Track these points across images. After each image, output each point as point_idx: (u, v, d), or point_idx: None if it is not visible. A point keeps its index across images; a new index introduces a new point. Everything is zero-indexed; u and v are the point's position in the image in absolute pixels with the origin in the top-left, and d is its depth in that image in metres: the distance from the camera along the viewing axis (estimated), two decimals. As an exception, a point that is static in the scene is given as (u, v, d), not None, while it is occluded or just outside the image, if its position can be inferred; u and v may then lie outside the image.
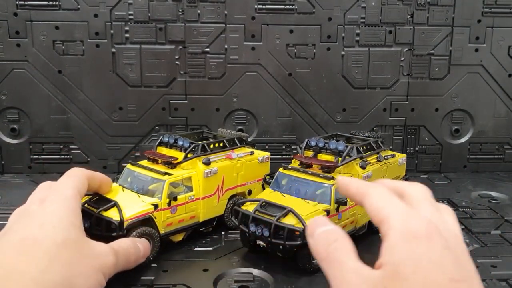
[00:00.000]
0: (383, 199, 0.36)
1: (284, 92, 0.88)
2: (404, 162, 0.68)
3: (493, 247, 0.60)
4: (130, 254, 0.47)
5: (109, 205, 0.52)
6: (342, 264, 0.33)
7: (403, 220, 0.33)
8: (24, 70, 0.84)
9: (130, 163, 0.61)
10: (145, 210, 0.53)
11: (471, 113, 0.92)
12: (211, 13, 0.85)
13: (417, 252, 0.31)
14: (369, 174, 0.59)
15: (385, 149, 0.66)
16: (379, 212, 0.35)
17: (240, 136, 0.67)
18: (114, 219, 0.50)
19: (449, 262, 0.31)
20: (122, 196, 0.55)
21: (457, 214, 0.70)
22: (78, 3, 0.83)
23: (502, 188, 0.83)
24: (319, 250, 0.35)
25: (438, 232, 0.32)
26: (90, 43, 0.84)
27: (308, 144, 0.62)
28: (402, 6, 0.86)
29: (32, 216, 0.42)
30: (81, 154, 0.88)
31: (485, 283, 0.50)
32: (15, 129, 0.87)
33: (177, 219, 0.57)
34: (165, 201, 0.55)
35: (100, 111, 0.87)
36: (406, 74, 0.89)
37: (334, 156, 0.60)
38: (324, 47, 0.87)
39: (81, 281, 0.39)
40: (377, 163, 0.62)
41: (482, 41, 0.88)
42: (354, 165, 0.59)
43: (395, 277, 0.30)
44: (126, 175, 0.60)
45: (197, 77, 0.87)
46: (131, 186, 0.58)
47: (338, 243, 0.35)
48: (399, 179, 0.67)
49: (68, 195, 0.45)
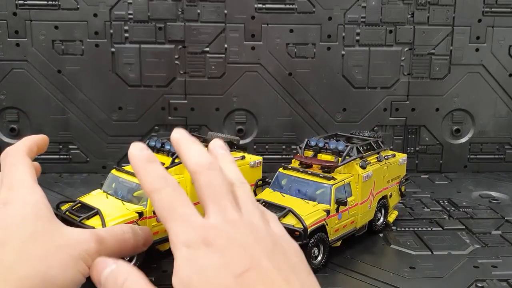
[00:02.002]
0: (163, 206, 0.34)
1: (284, 92, 0.88)
2: (404, 162, 0.68)
3: (493, 247, 0.59)
4: (126, 240, 0.44)
5: (91, 213, 0.49)
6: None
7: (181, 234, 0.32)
8: (24, 70, 0.84)
9: (115, 168, 0.58)
10: (129, 218, 0.50)
11: (471, 113, 0.91)
12: (211, 12, 0.84)
13: (200, 264, 0.30)
14: (369, 174, 0.59)
15: (385, 149, 0.66)
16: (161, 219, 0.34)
17: (231, 140, 0.64)
18: (96, 228, 0.47)
19: (232, 258, 0.30)
20: (105, 203, 0.52)
21: (457, 214, 0.71)
22: (77, 3, 0.83)
23: (502, 188, 0.83)
24: None
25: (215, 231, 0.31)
26: (90, 42, 0.84)
27: (308, 144, 0.62)
28: (402, 6, 0.86)
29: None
30: (80, 154, 0.88)
31: (485, 283, 0.50)
32: (15, 129, 0.86)
33: (163, 228, 0.53)
34: (151, 209, 0.52)
35: (100, 111, 0.87)
36: (406, 74, 0.89)
37: (334, 156, 0.59)
38: (324, 46, 0.87)
39: (57, 271, 0.38)
40: (377, 163, 0.62)
41: (482, 41, 0.88)
42: (354, 165, 0.59)
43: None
44: (110, 180, 0.57)
45: (197, 77, 0.87)
46: (115, 193, 0.55)
47: (129, 283, 0.34)
48: (399, 179, 0.67)
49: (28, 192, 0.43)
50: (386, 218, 0.65)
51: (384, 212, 0.64)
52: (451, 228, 0.65)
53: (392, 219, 0.66)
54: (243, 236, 0.32)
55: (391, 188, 0.65)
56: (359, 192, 0.58)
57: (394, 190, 0.66)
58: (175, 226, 0.32)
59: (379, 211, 0.63)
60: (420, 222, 0.67)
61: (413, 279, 0.52)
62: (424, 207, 0.73)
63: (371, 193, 0.60)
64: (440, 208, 0.73)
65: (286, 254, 0.32)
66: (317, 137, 0.62)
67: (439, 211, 0.71)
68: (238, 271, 0.29)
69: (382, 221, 0.64)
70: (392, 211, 0.67)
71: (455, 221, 0.68)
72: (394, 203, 0.67)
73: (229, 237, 0.31)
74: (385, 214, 0.65)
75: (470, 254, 0.57)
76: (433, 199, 0.77)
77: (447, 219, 0.69)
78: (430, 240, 0.61)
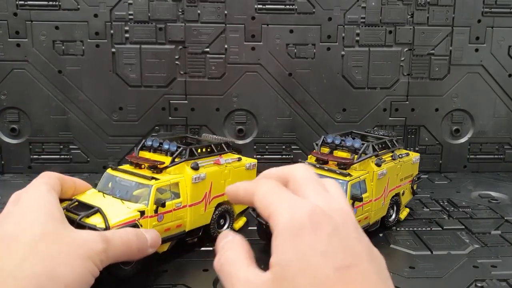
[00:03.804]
0: (268, 193, 0.35)
1: (284, 92, 0.88)
2: (417, 161, 0.69)
3: (493, 247, 0.59)
4: (131, 242, 0.45)
5: (91, 211, 0.48)
6: (231, 276, 0.33)
7: (286, 213, 0.32)
8: (24, 70, 0.84)
9: (111, 168, 0.57)
10: (131, 217, 0.49)
11: (471, 113, 0.92)
12: (211, 13, 0.85)
13: (302, 247, 0.30)
14: (384, 171, 0.60)
15: (399, 147, 0.67)
16: (265, 209, 0.34)
17: (226, 141, 0.63)
18: (98, 226, 0.46)
19: (336, 249, 0.30)
20: (104, 202, 0.51)
21: (457, 214, 0.71)
22: (78, 3, 0.83)
23: (502, 188, 0.83)
24: (215, 264, 0.35)
25: (324, 216, 0.31)
26: (90, 43, 0.84)
27: (324, 141, 0.63)
28: (402, 6, 0.86)
29: (8, 216, 0.42)
30: (81, 154, 0.88)
31: (485, 283, 0.51)
32: (15, 129, 0.87)
33: (164, 228, 0.53)
34: (152, 208, 0.51)
35: (100, 111, 0.87)
36: (406, 74, 0.89)
37: (350, 153, 0.60)
38: (324, 47, 0.87)
39: (66, 269, 0.38)
40: (392, 161, 0.63)
41: (482, 41, 0.88)
42: (369, 163, 0.60)
43: (282, 279, 0.29)
44: (106, 180, 0.55)
45: (197, 77, 0.87)
46: (113, 192, 0.53)
47: (229, 253, 0.34)
48: (412, 178, 0.68)
49: (42, 190, 0.44)
50: (398, 215, 0.66)
51: (396, 209, 0.66)
52: (450, 228, 0.65)
53: (404, 216, 0.68)
54: (347, 229, 0.31)
55: (404, 186, 0.67)
56: (374, 189, 0.59)
57: (407, 188, 0.68)
58: (282, 209, 0.32)
59: (391, 208, 0.65)
60: (419, 222, 0.68)
61: (412, 279, 0.52)
62: (424, 207, 0.73)
63: (385, 190, 0.62)
64: (439, 208, 0.73)
65: (381, 263, 0.31)
66: (333, 135, 0.63)
67: (438, 211, 0.72)
68: (340, 264, 0.29)
69: (394, 218, 0.66)
70: (404, 209, 0.69)
71: (455, 221, 0.68)
72: (406, 200, 0.69)
73: (335, 225, 0.31)
74: (397, 211, 0.66)
75: (470, 254, 0.58)
76: (433, 199, 0.77)
77: (446, 219, 0.69)
78: (429, 240, 0.61)
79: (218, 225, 0.61)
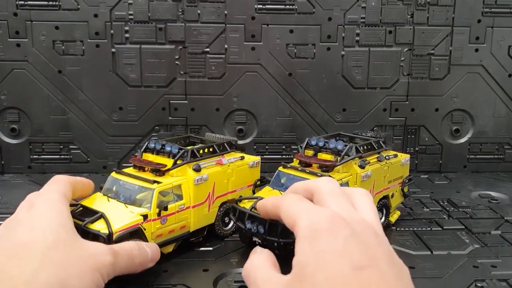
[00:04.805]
0: (292, 205, 0.37)
1: (284, 92, 0.88)
2: (407, 163, 0.68)
3: (493, 247, 0.59)
4: (134, 256, 0.46)
5: (95, 216, 0.48)
6: (256, 279, 0.35)
7: (306, 218, 0.34)
8: (24, 70, 0.84)
9: (115, 171, 0.57)
10: (134, 221, 0.50)
11: (471, 113, 0.92)
12: (211, 13, 0.85)
13: (320, 247, 0.31)
14: (368, 173, 0.59)
15: (386, 149, 0.66)
16: (289, 218, 0.36)
17: (229, 141, 0.64)
18: (102, 232, 0.47)
19: (353, 250, 0.31)
20: (108, 206, 0.52)
21: (457, 214, 0.71)
22: (78, 3, 0.83)
23: (502, 188, 0.83)
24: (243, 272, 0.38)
25: (342, 221, 0.33)
26: (90, 43, 0.84)
27: (308, 143, 0.62)
28: (402, 6, 0.86)
29: (21, 222, 0.42)
30: (81, 154, 0.88)
31: (485, 283, 0.51)
32: (15, 129, 0.87)
33: (167, 230, 0.54)
34: (155, 211, 0.51)
35: (100, 111, 0.87)
36: (406, 74, 0.89)
37: (334, 155, 0.60)
38: (324, 47, 0.87)
39: (75, 281, 0.39)
40: (378, 162, 0.62)
41: (482, 41, 0.88)
42: (352, 165, 0.59)
43: (302, 277, 0.31)
44: (110, 183, 0.56)
45: (197, 77, 0.87)
46: (117, 196, 0.54)
47: (254, 261, 0.37)
48: (402, 180, 0.67)
49: (55, 198, 0.45)
50: (388, 218, 0.65)
51: (386, 212, 0.65)
52: (450, 228, 0.65)
53: (394, 219, 0.66)
54: (365, 235, 0.33)
55: (393, 188, 0.65)
56: None
57: (396, 190, 0.66)
58: (303, 215, 0.35)
59: (380, 211, 0.64)
60: (419, 222, 0.68)
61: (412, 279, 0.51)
62: (424, 207, 0.73)
63: (371, 193, 0.60)
64: (439, 208, 0.73)
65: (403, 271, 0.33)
66: (318, 137, 0.63)
67: (438, 211, 0.72)
68: (356, 264, 0.30)
69: (383, 221, 0.64)
70: (395, 211, 0.67)
71: (455, 221, 0.68)
72: (396, 203, 0.67)
73: (354, 230, 0.32)
74: (387, 214, 0.65)
75: (470, 254, 0.58)
76: (433, 199, 0.77)
77: (446, 219, 0.69)
78: (429, 240, 0.61)
79: (223, 223, 0.62)
